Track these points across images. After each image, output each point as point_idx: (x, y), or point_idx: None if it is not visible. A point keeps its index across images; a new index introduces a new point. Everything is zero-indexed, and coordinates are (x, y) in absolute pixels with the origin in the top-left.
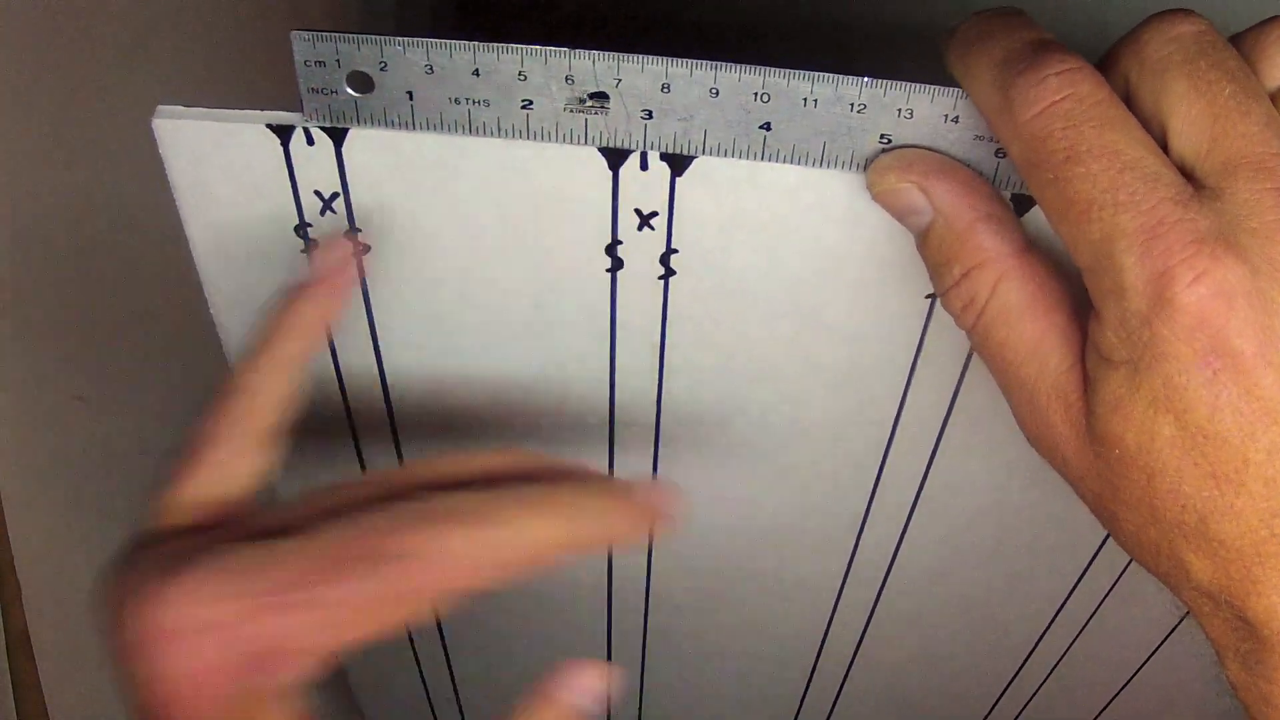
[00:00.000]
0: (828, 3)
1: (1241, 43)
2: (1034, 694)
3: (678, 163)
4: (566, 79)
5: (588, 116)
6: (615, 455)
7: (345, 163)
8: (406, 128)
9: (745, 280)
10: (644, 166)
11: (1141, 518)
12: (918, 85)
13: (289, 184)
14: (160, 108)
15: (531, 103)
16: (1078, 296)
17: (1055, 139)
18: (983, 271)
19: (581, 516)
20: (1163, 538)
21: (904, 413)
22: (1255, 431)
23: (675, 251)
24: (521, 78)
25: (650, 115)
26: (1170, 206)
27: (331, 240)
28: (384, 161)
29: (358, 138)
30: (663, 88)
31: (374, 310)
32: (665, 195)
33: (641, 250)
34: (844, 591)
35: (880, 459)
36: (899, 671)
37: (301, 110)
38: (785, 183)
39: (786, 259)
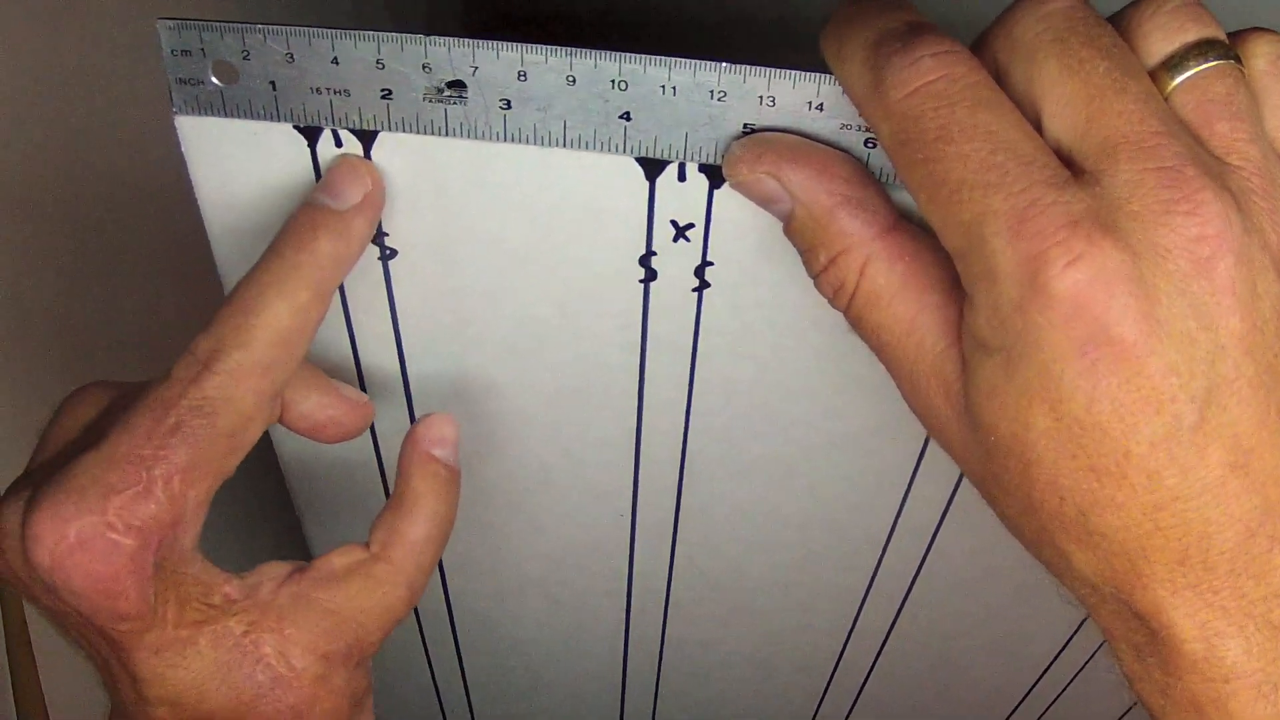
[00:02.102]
0: None
1: (1119, 19)
2: (1050, 704)
3: (716, 174)
4: (424, 67)
5: (446, 107)
6: (641, 465)
7: None
8: (271, 118)
9: (781, 292)
10: (681, 178)
11: (1020, 505)
12: (779, 70)
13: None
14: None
15: (391, 92)
16: (954, 272)
17: (927, 118)
18: (848, 256)
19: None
20: (1042, 527)
21: None
22: (1137, 423)
23: (710, 264)
24: (379, 65)
25: (509, 105)
26: (1044, 188)
27: (349, 163)
28: (413, 165)
29: (386, 141)
30: (519, 75)
31: (399, 315)
32: (703, 207)
33: (676, 262)
34: (866, 602)
35: (911, 471)
36: (916, 680)
37: None
38: None
39: None
